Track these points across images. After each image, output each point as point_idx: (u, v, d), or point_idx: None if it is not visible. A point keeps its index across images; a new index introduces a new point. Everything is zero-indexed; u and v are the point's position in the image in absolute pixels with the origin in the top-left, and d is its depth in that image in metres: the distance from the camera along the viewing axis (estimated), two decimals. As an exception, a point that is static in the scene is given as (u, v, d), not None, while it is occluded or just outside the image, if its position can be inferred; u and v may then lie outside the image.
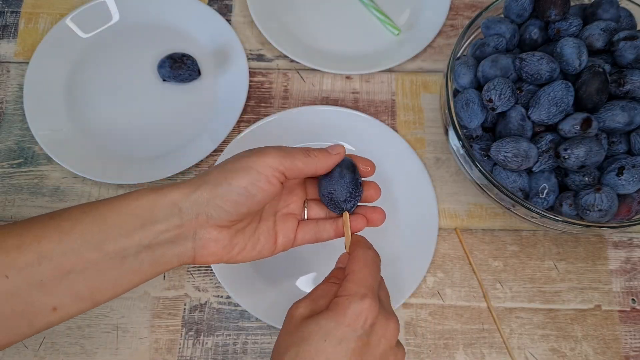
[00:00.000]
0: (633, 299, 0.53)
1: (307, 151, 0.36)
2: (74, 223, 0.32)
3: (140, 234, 0.33)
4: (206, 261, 0.36)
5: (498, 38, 0.50)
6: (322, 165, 0.37)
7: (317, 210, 0.43)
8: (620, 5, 0.51)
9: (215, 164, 0.55)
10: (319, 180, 0.40)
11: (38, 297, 0.32)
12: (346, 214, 0.40)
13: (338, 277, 0.36)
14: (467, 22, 0.60)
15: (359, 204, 0.41)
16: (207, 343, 0.51)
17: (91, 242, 0.32)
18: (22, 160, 0.57)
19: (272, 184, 0.35)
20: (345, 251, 0.39)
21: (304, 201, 0.42)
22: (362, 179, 0.41)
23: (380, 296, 0.36)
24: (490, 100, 0.46)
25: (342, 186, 0.38)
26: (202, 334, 0.51)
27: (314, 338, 0.31)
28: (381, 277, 0.37)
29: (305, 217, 0.42)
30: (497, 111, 0.47)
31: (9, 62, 0.61)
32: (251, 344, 0.51)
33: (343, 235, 0.40)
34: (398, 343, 0.35)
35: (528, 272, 0.54)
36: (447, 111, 0.48)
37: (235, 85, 0.59)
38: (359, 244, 0.38)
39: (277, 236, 0.40)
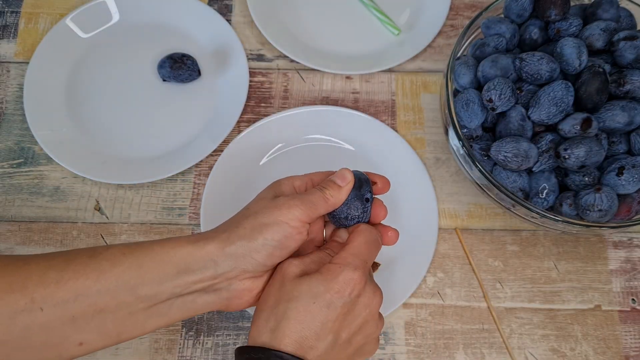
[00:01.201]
0: (633, 299, 0.53)
1: (324, 195, 0.37)
2: (112, 264, 0.33)
3: (174, 282, 0.34)
4: (240, 308, 0.37)
5: (498, 38, 0.50)
6: (338, 202, 0.38)
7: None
8: (620, 5, 0.51)
9: (216, 163, 0.55)
10: None
11: (68, 332, 0.33)
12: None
13: (334, 249, 0.38)
14: (467, 22, 0.60)
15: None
16: (207, 343, 0.51)
17: (127, 285, 0.33)
18: (22, 160, 0.57)
19: (302, 234, 0.36)
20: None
21: (324, 223, 0.43)
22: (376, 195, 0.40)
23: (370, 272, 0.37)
24: (490, 100, 0.46)
25: (343, 203, 0.38)
26: (202, 334, 0.51)
27: (303, 298, 0.33)
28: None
29: (325, 239, 0.43)
30: (497, 111, 0.47)
31: (9, 62, 0.61)
32: (251, 344, 0.51)
33: None
34: (380, 315, 0.37)
35: (528, 272, 0.54)
36: (447, 111, 0.48)
37: (235, 85, 0.59)
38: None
39: None
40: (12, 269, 0.32)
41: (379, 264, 0.52)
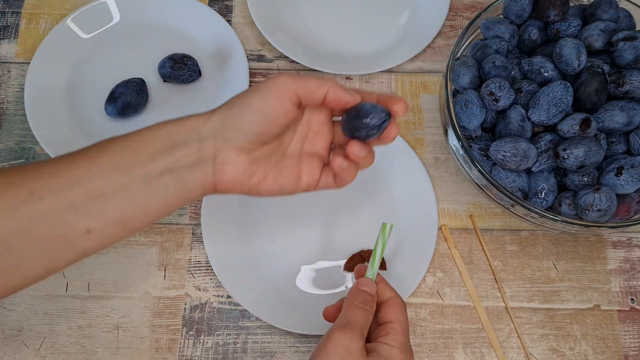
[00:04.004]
0: (632, 299, 0.53)
1: (323, 82, 0.37)
2: (100, 151, 0.35)
3: (162, 157, 0.35)
4: (227, 189, 0.37)
5: (500, 42, 0.50)
6: (335, 95, 0.37)
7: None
8: (620, 6, 0.51)
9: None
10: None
11: (72, 220, 0.33)
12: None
13: (369, 302, 0.39)
14: (466, 22, 0.60)
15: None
16: (207, 342, 0.51)
17: (118, 166, 0.34)
18: (23, 160, 0.57)
19: (282, 101, 0.36)
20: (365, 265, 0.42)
21: (331, 144, 0.42)
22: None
23: None
24: (492, 94, 0.46)
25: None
26: (203, 333, 0.51)
27: None
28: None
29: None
30: (500, 104, 0.47)
31: (10, 63, 0.62)
32: (251, 343, 0.51)
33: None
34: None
35: (527, 271, 0.54)
36: (446, 111, 0.49)
37: (236, 85, 0.59)
38: (388, 286, 0.41)
39: (301, 174, 0.40)
40: (8, 171, 0.34)
41: (385, 265, 0.52)
